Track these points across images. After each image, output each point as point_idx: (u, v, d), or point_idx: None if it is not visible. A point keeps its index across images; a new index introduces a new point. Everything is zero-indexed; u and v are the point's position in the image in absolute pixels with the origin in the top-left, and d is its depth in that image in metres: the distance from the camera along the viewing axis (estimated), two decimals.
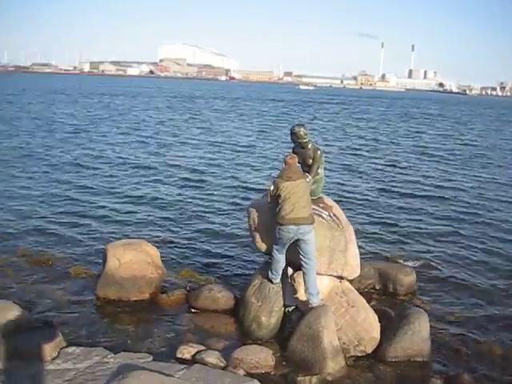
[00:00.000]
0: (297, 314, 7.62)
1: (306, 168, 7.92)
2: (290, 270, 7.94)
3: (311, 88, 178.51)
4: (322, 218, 7.82)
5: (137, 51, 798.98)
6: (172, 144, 27.44)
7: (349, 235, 7.94)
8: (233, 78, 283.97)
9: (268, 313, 7.61)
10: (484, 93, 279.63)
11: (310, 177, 7.63)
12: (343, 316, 7.55)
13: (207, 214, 14.19)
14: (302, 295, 7.72)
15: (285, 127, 35.58)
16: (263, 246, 7.95)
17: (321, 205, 7.95)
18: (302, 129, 7.91)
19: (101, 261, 9.25)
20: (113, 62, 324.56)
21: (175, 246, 11.42)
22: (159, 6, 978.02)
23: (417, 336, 7.28)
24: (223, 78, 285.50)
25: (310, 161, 7.89)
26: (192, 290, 8.84)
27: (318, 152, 7.93)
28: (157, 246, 9.57)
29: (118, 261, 8.69)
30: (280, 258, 7.61)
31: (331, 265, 7.72)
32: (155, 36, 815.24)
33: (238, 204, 15.32)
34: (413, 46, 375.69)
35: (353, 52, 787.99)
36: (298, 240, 7.27)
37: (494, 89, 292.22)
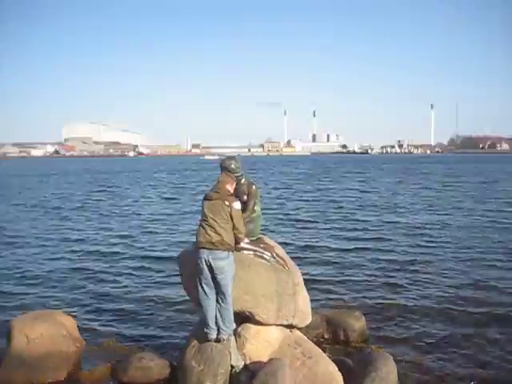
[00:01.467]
0: (246, 373, 6.48)
1: (242, 205, 7.02)
2: None
3: (216, 157, 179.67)
4: (265, 259, 6.88)
5: (40, 131, 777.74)
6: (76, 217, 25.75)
7: (296, 277, 7.03)
8: (141, 154, 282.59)
9: (213, 377, 6.40)
10: (384, 151, 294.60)
11: (235, 204, 6.49)
12: (300, 370, 6.53)
13: (126, 276, 12.91)
14: (249, 351, 6.68)
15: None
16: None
17: (261, 245, 7.01)
18: (233, 162, 7.03)
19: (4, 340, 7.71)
20: (15, 144, 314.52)
21: (94, 314, 9.98)
22: (61, 85, 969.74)
23: (385, 382, 6.40)
24: (131, 153, 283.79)
25: (245, 197, 7.01)
26: (119, 362, 7.45)
27: (253, 187, 7.08)
28: (72, 315, 8.21)
29: (26, 337, 7.24)
30: (208, 304, 6.55)
31: (280, 312, 6.74)
32: (59, 115, 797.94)
33: (162, 264, 14.06)
34: (314, 111, 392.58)
35: (258, 121, 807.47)
36: (213, 270, 6.35)
37: (392, 147, 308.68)
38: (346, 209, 27.04)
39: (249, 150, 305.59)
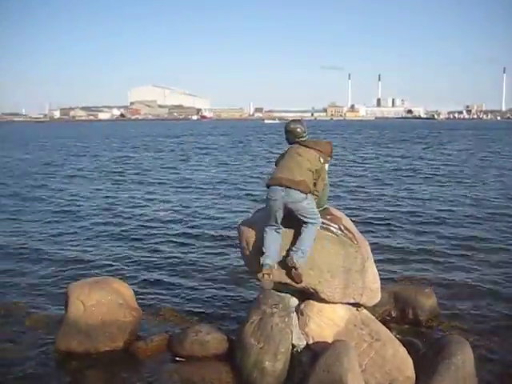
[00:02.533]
0: (308, 354, 6.07)
1: None
2: (294, 301, 6.45)
3: (277, 121, 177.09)
4: (331, 232, 6.32)
5: (107, 95, 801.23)
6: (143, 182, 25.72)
7: (365, 252, 6.45)
8: (204, 117, 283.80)
9: (272, 356, 6.03)
10: (452, 116, 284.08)
11: (327, 166, 6.15)
12: (367, 353, 6.03)
13: (186, 244, 12.66)
14: (312, 330, 6.22)
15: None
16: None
17: (328, 216, 6.44)
18: (299, 125, 6.42)
19: (63, 306, 7.57)
20: (83, 108, 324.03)
21: (151, 283, 9.77)
22: (127, 50, 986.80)
23: (462, 371, 5.78)
24: (194, 117, 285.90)
25: None
26: (175, 334, 7.20)
27: None
28: (129, 284, 7.97)
29: (83, 304, 7.08)
30: (272, 234, 6.02)
31: (347, 289, 6.22)
32: (125, 79, 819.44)
33: (220, 235, 13.73)
34: (379, 75, 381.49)
35: (322, 85, 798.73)
36: (292, 212, 5.87)
37: (460, 112, 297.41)
38: (412, 179, 25.88)
39: (312, 115, 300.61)
